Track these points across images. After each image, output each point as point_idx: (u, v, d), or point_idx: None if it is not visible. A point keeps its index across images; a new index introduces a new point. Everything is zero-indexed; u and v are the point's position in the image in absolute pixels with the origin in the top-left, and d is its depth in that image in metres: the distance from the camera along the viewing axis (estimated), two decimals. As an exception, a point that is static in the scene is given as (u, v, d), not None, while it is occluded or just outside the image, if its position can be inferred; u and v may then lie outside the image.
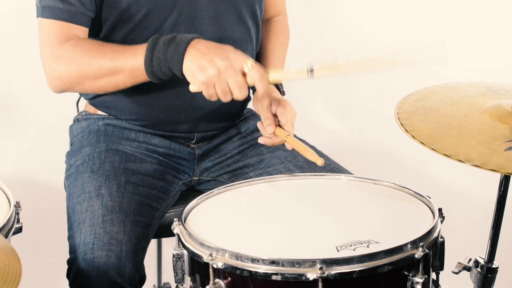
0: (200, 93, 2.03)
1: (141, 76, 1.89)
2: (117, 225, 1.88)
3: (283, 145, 2.14)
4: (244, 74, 1.82)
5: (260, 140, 1.98)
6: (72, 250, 1.89)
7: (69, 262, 1.89)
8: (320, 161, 1.81)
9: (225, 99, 1.83)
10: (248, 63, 1.81)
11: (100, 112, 2.14)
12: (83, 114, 2.18)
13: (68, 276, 1.89)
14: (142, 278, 1.92)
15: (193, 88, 1.86)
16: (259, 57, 2.22)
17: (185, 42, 1.84)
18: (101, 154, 2.05)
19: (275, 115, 1.97)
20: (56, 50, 1.94)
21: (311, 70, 1.81)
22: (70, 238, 1.92)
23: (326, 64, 1.83)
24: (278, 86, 2.11)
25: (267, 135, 1.96)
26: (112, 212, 1.90)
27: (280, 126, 1.96)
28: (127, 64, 1.89)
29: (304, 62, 1.83)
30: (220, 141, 2.17)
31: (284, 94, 2.12)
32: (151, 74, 1.87)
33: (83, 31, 1.97)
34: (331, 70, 1.84)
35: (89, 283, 1.81)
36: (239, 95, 1.81)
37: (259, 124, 1.99)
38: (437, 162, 2.42)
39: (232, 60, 1.81)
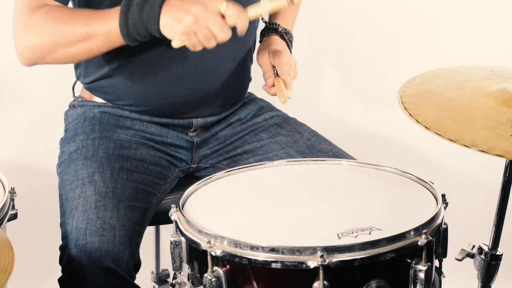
0: (200, 77, 2.01)
1: (116, 40, 1.86)
2: (110, 210, 1.86)
3: (284, 130, 2.13)
4: (223, 16, 1.79)
5: (262, 88, 2.04)
6: (64, 237, 1.86)
7: (61, 248, 1.86)
8: (282, 99, 1.90)
9: (209, 44, 1.80)
10: (224, 3, 1.79)
11: (96, 99, 2.12)
12: (79, 100, 2.15)
13: (60, 262, 1.86)
14: (137, 264, 1.89)
15: (175, 43, 1.84)
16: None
17: (159, 1, 1.81)
18: (95, 141, 2.02)
19: (274, 67, 2.02)
20: (27, 20, 1.90)
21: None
22: (63, 224, 1.90)
23: None
24: (282, 35, 2.14)
25: (267, 85, 2.03)
26: (105, 198, 1.88)
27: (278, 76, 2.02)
28: (101, 29, 1.85)
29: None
30: (219, 128, 2.14)
31: (291, 43, 2.16)
32: (127, 37, 1.84)
33: (57, 4, 1.94)
34: None
35: (82, 269, 1.79)
36: (222, 37, 1.79)
37: (263, 76, 2.05)
38: (440, 147, 2.40)
39: (207, 4, 1.79)
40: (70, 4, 2.01)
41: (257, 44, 2.19)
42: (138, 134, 2.07)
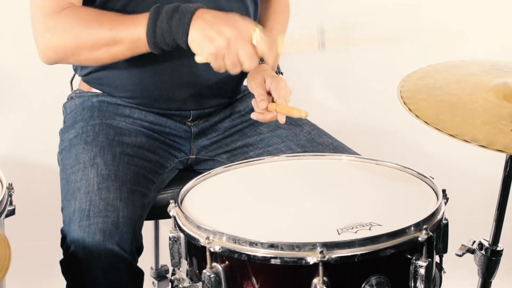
0: (196, 69, 2.00)
1: (142, 47, 1.84)
2: (113, 192, 1.84)
3: (285, 123, 2.11)
4: (253, 45, 1.76)
5: (253, 116, 1.95)
6: (67, 218, 1.84)
7: (63, 231, 1.84)
8: (304, 113, 1.81)
9: (234, 71, 1.77)
10: (257, 32, 1.76)
11: (94, 90, 2.11)
12: (77, 92, 2.15)
13: (62, 245, 1.84)
14: (140, 247, 1.88)
15: (199, 59, 1.80)
16: None
17: (190, 12, 1.78)
18: (95, 127, 2.02)
19: (269, 93, 1.95)
20: (51, 20, 1.88)
21: (323, 44, 1.77)
22: (64, 208, 1.88)
23: (337, 37, 1.79)
24: (277, 72, 2.09)
25: (259, 110, 1.94)
26: (108, 180, 1.87)
27: (273, 102, 1.94)
28: (128, 35, 1.83)
29: (314, 29, 1.78)
30: (218, 119, 2.14)
31: (282, 74, 2.09)
32: (153, 45, 1.82)
33: (78, 2, 1.92)
34: (343, 43, 1.79)
35: (84, 250, 1.77)
36: (249, 66, 1.76)
37: (253, 101, 1.97)
38: (440, 142, 2.39)
39: (241, 29, 1.76)
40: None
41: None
42: (137, 123, 2.07)
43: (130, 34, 1.83)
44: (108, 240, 1.77)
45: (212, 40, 1.75)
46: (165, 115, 2.09)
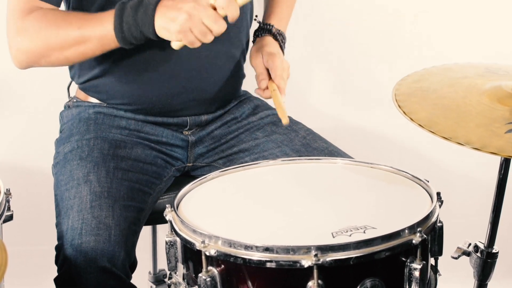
0: (194, 75, 2.01)
1: (111, 43, 1.87)
2: (106, 210, 1.85)
3: (279, 128, 2.13)
4: (214, 8, 1.79)
5: (255, 92, 2.01)
6: (60, 236, 1.86)
7: (57, 248, 1.86)
8: (284, 120, 1.85)
9: (206, 39, 1.80)
10: None
11: (91, 99, 2.12)
12: (74, 100, 2.15)
13: (56, 262, 1.86)
14: (133, 264, 1.89)
15: (174, 44, 1.84)
16: (265, 8, 2.24)
17: (153, 4, 1.82)
18: (90, 141, 2.02)
19: (268, 70, 2.01)
20: (20, 23, 1.91)
21: None
22: (58, 224, 1.89)
23: None
24: (276, 37, 2.13)
25: (260, 88, 2.01)
26: (101, 197, 1.88)
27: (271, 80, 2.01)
28: (95, 32, 1.86)
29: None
30: (215, 127, 2.14)
31: (283, 47, 2.15)
32: (122, 40, 1.85)
33: (49, 7, 1.94)
34: None
35: (77, 269, 1.78)
36: (217, 29, 1.79)
37: (256, 77, 2.03)
38: (435, 145, 2.40)
39: None
40: (63, 7, 2.01)
41: (250, 44, 2.19)
42: (133, 134, 2.07)
43: (98, 32, 1.86)
44: (100, 258, 1.78)
45: (174, 20, 1.79)
46: (162, 125, 2.10)
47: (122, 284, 1.82)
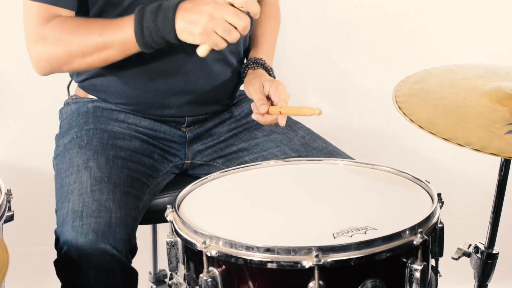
0: (191, 76, 2.01)
1: (132, 48, 1.87)
2: (106, 193, 1.86)
3: (278, 128, 2.13)
4: (232, 5, 1.78)
5: (253, 116, 1.97)
6: (60, 220, 1.86)
7: (56, 232, 1.85)
8: (318, 111, 1.79)
9: (232, 37, 1.78)
10: None
11: (90, 96, 2.13)
12: (73, 98, 2.16)
13: (56, 246, 1.85)
14: (134, 248, 1.89)
15: (200, 50, 1.82)
16: (249, 42, 2.20)
17: (172, 8, 1.82)
18: (89, 131, 2.04)
19: (267, 97, 1.97)
20: (40, 31, 1.91)
21: None
22: (58, 210, 1.90)
23: None
24: (269, 71, 2.09)
25: (260, 113, 1.96)
26: (101, 182, 1.89)
27: (273, 105, 1.96)
28: (116, 38, 1.87)
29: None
30: (213, 125, 2.15)
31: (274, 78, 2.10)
32: (143, 45, 1.86)
33: (68, 14, 1.95)
34: None
35: (77, 250, 1.78)
36: (242, 24, 1.77)
37: (252, 105, 1.99)
38: (436, 146, 2.40)
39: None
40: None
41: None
42: (131, 128, 2.08)
43: (119, 38, 1.86)
44: (100, 240, 1.78)
45: (196, 23, 1.78)
46: (160, 121, 2.10)
47: (123, 267, 1.81)
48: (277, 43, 2.27)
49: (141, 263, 1.93)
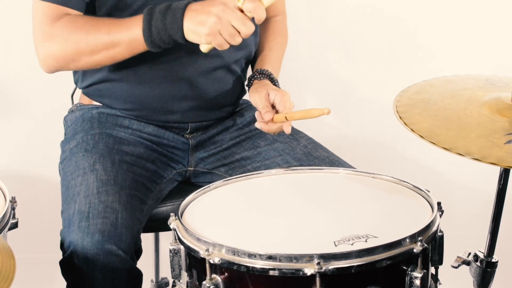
0: (196, 82, 2.03)
1: (140, 47, 1.90)
2: (112, 195, 1.88)
3: (281, 137, 2.14)
4: (241, 11, 1.81)
5: (257, 125, 2.00)
6: (66, 221, 1.87)
7: (62, 233, 1.87)
8: (326, 110, 1.84)
9: (235, 41, 1.82)
10: None
11: (94, 103, 2.14)
12: (78, 105, 2.18)
13: (61, 247, 1.86)
14: (138, 250, 1.90)
15: (203, 47, 1.86)
16: (256, 55, 2.23)
17: (181, 8, 1.84)
18: (95, 136, 2.06)
19: (272, 106, 2.00)
20: (49, 29, 1.94)
21: None
22: (64, 211, 1.91)
23: None
24: (275, 83, 2.11)
25: (265, 120, 1.98)
26: (107, 184, 1.91)
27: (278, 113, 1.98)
28: (124, 37, 1.89)
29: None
30: (216, 132, 2.16)
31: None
32: (151, 44, 1.88)
33: (76, 14, 1.97)
34: None
35: (83, 251, 1.79)
36: (246, 30, 1.81)
37: (256, 114, 2.01)
38: (436, 156, 2.41)
39: (226, 2, 1.81)
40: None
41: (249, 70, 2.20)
42: (136, 133, 2.10)
43: (127, 36, 1.89)
44: (106, 240, 1.80)
45: (203, 23, 1.81)
46: (164, 127, 2.12)
47: (128, 268, 1.83)
48: (279, 53, 2.29)
49: (143, 271, 1.94)
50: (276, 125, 1.97)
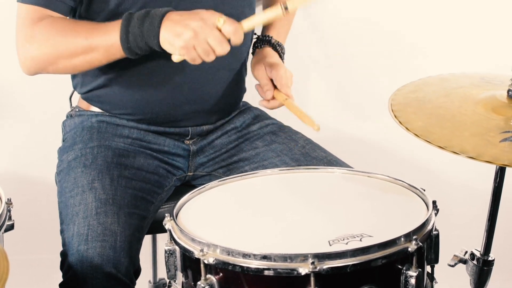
0: (197, 85, 2.03)
1: (117, 53, 1.89)
2: (111, 216, 1.87)
3: (279, 138, 2.15)
4: (219, 30, 1.82)
5: (260, 104, 2.03)
6: (66, 243, 1.87)
7: (62, 254, 1.88)
8: (316, 127, 1.85)
9: (208, 58, 1.83)
10: (221, 19, 1.82)
11: (93, 108, 2.14)
12: (76, 110, 2.17)
13: (61, 268, 1.87)
14: (137, 270, 1.90)
15: (175, 57, 1.86)
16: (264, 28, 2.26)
17: (160, 16, 1.84)
18: (94, 149, 2.04)
19: (271, 80, 2.03)
20: (30, 31, 1.93)
21: (285, 8, 1.82)
22: (63, 231, 1.91)
23: None
24: (275, 47, 2.14)
25: (266, 99, 2.03)
26: (106, 204, 1.90)
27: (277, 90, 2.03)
28: (102, 42, 1.89)
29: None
30: (215, 137, 2.16)
31: (283, 57, 2.18)
32: (127, 50, 1.87)
33: (59, 16, 1.96)
34: (304, 2, 1.84)
35: (83, 274, 1.80)
36: (221, 51, 1.82)
37: (257, 87, 2.05)
38: (431, 154, 2.40)
39: (206, 19, 1.81)
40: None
41: (250, 56, 2.21)
42: (136, 143, 2.09)
43: (105, 41, 1.88)
44: (106, 264, 1.80)
45: (180, 35, 1.81)
46: (164, 134, 2.11)
47: None
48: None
49: (141, 272, 1.94)
50: (277, 101, 2.01)
